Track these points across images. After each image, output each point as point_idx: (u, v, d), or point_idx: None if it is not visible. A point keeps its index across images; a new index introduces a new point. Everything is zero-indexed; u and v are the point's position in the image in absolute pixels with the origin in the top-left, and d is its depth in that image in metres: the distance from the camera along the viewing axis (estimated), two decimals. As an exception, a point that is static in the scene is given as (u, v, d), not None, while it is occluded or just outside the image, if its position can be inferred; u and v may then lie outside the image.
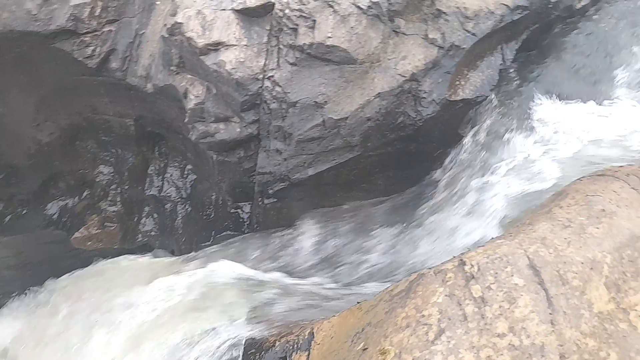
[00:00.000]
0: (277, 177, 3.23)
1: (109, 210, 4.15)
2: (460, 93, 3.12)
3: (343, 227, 3.31)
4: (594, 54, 3.37)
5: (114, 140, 4.03)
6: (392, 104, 3.05)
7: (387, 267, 3.05)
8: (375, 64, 3.03)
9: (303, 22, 2.94)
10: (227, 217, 3.78)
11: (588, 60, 3.30)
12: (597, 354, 1.52)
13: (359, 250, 3.19)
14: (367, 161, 3.27)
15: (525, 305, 1.62)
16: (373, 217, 3.30)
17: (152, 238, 4.16)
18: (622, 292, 1.64)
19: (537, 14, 3.22)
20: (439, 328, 1.63)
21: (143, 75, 3.52)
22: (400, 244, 3.12)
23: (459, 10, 3.01)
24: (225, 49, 2.97)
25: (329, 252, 3.21)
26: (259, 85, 3.02)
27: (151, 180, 4.13)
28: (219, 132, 3.17)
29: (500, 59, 3.23)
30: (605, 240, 1.77)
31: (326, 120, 3.04)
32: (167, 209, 4.11)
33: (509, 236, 1.95)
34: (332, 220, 3.35)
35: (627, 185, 2.05)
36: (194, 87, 3.18)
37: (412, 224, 3.16)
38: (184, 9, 3.06)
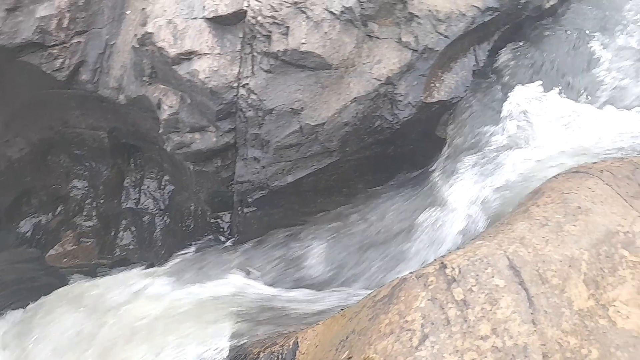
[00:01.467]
0: (256, 185, 3.19)
1: (84, 225, 4.06)
2: (435, 95, 3.13)
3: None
4: (563, 53, 3.43)
5: (87, 154, 3.95)
6: (368, 108, 3.05)
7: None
8: (351, 69, 3.03)
9: (276, 28, 2.92)
10: (207, 228, 3.73)
11: (557, 59, 3.36)
12: (578, 351, 1.53)
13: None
14: (346, 166, 3.26)
15: (507, 306, 1.62)
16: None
17: (130, 252, 4.08)
18: (601, 288, 1.66)
19: (508, 15, 3.27)
20: (423, 333, 1.62)
21: (115, 86, 3.46)
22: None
23: (431, 13, 3.03)
24: (198, 58, 2.93)
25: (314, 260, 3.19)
26: (233, 93, 2.99)
27: (127, 192, 4.06)
28: (194, 142, 3.12)
29: (474, 60, 3.26)
30: (582, 238, 1.79)
31: (303, 127, 3.02)
32: (145, 221, 4.04)
33: (488, 236, 1.96)
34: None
35: (601, 181, 2.08)
36: (167, 98, 3.13)
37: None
38: (154, 18, 3.01)
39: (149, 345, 2.85)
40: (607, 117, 3.00)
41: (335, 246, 3.24)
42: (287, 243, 3.33)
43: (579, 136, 2.89)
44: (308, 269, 3.19)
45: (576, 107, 3.12)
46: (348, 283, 3.07)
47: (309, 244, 3.26)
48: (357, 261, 3.14)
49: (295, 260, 3.24)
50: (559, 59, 3.36)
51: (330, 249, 3.23)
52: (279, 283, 3.13)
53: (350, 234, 3.24)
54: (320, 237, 3.28)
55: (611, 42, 3.45)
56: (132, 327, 3.11)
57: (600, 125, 2.92)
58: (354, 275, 3.10)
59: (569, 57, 3.38)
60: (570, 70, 3.31)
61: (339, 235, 3.26)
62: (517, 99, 3.19)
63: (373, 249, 3.14)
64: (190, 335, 2.89)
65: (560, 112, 3.04)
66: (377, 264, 3.05)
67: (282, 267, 3.26)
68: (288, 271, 3.21)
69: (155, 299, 3.27)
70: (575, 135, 2.92)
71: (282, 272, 3.23)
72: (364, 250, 3.15)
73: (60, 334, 3.19)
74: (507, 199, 2.71)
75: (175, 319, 3.04)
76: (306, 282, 3.11)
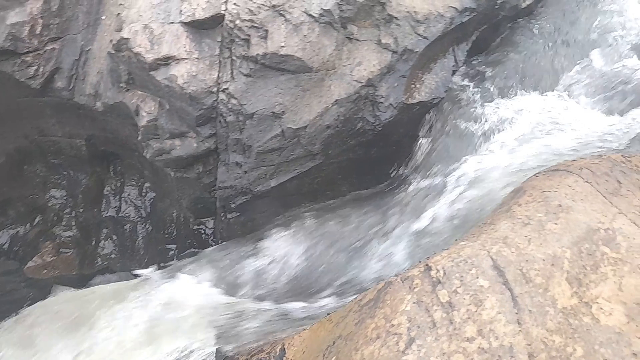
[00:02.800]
0: (238, 190, 3.16)
1: (63, 235, 3.98)
2: (416, 96, 3.14)
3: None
4: (539, 52, 3.47)
5: (64, 162, 3.86)
6: (350, 110, 3.05)
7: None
8: (331, 71, 3.02)
9: (255, 32, 2.89)
10: (190, 234, 3.69)
11: (532, 58, 3.40)
12: (563, 349, 1.53)
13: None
14: (330, 169, 3.25)
15: (492, 307, 1.63)
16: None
17: (112, 261, 4.01)
18: (584, 285, 1.67)
19: (485, 15, 3.29)
20: (409, 337, 1.61)
21: (91, 93, 3.39)
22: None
23: (410, 15, 3.03)
24: (176, 63, 2.89)
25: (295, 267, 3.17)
26: (213, 98, 2.95)
27: (108, 201, 3.99)
28: (175, 149, 3.07)
29: (453, 60, 3.28)
30: (564, 236, 1.81)
31: (285, 130, 3.00)
32: (127, 229, 3.97)
33: (471, 237, 1.96)
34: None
35: (580, 179, 2.10)
36: (145, 104, 3.07)
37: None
38: (129, 23, 2.96)
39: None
40: (582, 114, 3.04)
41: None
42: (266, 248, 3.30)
43: (556, 134, 2.93)
44: (286, 276, 3.17)
45: (552, 105, 3.16)
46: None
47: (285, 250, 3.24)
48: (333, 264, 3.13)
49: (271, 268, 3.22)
50: (534, 58, 3.40)
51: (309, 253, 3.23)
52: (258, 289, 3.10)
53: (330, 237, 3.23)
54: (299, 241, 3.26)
55: (586, 40, 3.51)
56: (114, 340, 3.06)
57: (577, 123, 2.96)
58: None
59: (544, 55, 3.42)
60: (545, 69, 3.35)
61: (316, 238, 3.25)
62: (493, 97, 3.23)
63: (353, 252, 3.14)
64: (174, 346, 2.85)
65: (537, 110, 3.07)
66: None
67: (258, 274, 3.23)
68: (265, 278, 3.18)
69: (138, 309, 3.22)
70: (552, 133, 2.95)
71: (260, 278, 3.21)
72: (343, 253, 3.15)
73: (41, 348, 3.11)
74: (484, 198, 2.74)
75: (157, 330, 2.99)
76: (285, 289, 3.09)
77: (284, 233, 3.25)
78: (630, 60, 3.27)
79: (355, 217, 3.23)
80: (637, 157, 2.29)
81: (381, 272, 2.87)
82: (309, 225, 3.25)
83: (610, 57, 3.37)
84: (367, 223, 3.15)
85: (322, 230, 3.20)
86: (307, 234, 3.22)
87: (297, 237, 3.22)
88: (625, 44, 3.40)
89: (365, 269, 2.97)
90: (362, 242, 3.09)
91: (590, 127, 2.92)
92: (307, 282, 3.06)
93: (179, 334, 2.95)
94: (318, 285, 3.02)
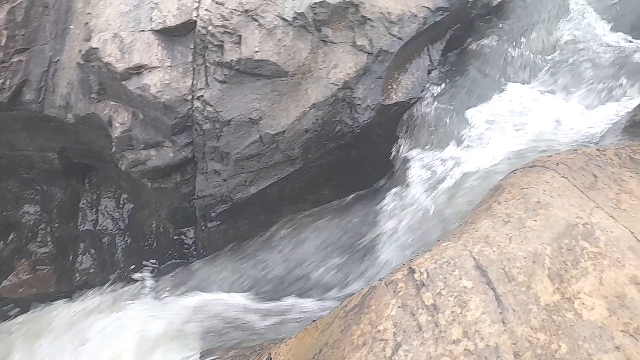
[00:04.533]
0: (218, 199, 3.11)
1: (39, 252, 3.87)
2: (393, 97, 3.14)
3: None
4: (510, 47, 3.52)
5: (37, 177, 3.77)
6: (328, 113, 3.03)
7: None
8: (307, 75, 3.00)
9: (228, 38, 2.85)
10: (171, 245, 3.62)
11: (503, 55, 3.44)
12: (548, 347, 1.54)
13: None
14: (310, 173, 3.23)
15: (476, 308, 1.62)
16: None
17: (91, 276, 3.91)
18: (565, 281, 1.69)
19: (458, 13, 3.31)
20: (395, 342, 1.60)
21: (62, 105, 3.30)
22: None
23: (383, 16, 3.03)
24: (148, 72, 2.83)
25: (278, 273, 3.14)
26: (188, 106, 2.90)
27: (84, 214, 3.91)
28: (150, 159, 3.01)
29: (428, 60, 3.29)
30: (543, 232, 1.82)
31: (263, 136, 2.96)
32: (105, 242, 3.89)
33: (453, 237, 1.96)
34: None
35: (557, 174, 2.13)
36: (118, 114, 3.01)
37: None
38: (98, 33, 2.88)
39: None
40: (554, 109, 3.09)
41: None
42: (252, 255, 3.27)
43: (530, 130, 2.96)
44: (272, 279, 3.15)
45: (526, 101, 3.20)
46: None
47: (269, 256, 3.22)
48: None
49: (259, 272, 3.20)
50: (505, 55, 3.45)
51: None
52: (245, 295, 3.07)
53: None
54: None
55: (557, 35, 3.57)
56: (98, 356, 2.99)
57: (549, 118, 3.01)
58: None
59: (514, 52, 3.47)
60: (517, 65, 3.40)
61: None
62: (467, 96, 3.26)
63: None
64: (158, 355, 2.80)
65: (510, 107, 3.10)
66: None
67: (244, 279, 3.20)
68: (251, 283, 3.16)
69: (120, 323, 3.15)
70: (526, 129, 2.98)
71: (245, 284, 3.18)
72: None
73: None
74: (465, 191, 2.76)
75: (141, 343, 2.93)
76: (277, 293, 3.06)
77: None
78: (599, 53, 3.34)
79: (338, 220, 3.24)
80: (611, 150, 2.32)
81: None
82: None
83: (578, 50, 3.44)
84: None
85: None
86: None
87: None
88: (594, 37, 3.47)
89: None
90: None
91: (560, 121, 2.97)
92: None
93: (162, 345, 2.90)
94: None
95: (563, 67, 3.39)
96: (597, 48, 3.36)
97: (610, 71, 3.19)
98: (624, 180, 2.09)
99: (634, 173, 2.16)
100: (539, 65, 3.45)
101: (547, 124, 3.01)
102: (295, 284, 3.13)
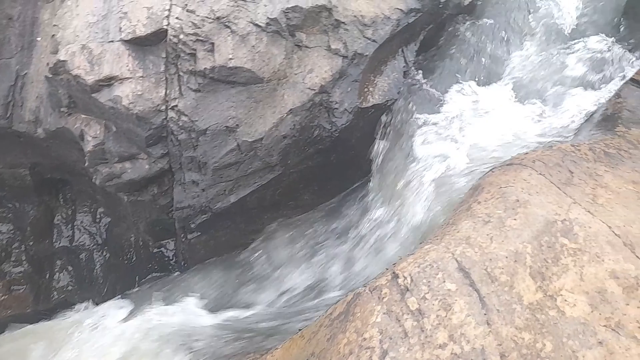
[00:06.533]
0: (197, 209, 3.06)
1: (14, 272, 3.75)
2: (370, 99, 3.14)
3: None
4: (481, 46, 3.56)
5: (8, 194, 3.65)
6: (305, 118, 3.01)
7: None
8: (283, 80, 2.97)
9: (201, 46, 2.81)
10: (151, 258, 3.55)
11: (477, 53, 3.48)
12: (533, 346, 1.54)
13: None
14: (290, 179, 3.20)
15: (461, 310, 1.62)
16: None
17: (69, 293, 3.81)
18: (547, 279, 1.70)
19: (430, 14, 3.33)
20: (382, 350, 1.58)
21: (32, 119, 3.21)
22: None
23: (357, 19, 3.02)
24: (119, 83, 2.76)
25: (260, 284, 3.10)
26: (162, 117, 2.84)
27: (59, 230, 3.81)
28: (126, 172, 2.94)
29: (403, 61, 3.30)
30: (523, 231, 1.83)
31: (241, 144, 2.92)
32: (83, 259, 3.80)
33: (435, 239, 1.96)
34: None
35: (534, 171, 2.14)
36: (90, 128, 2.93)
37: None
38: (66, 45, 2.80)
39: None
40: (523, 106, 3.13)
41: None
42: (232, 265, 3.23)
43: (500, 129, 3.00)
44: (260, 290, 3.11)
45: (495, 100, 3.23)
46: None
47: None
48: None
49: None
50: (476, 54, 3.49)
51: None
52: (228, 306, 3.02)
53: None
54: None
55: (527, 32, 3.62)
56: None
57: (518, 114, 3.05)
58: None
59: (485, 51, 3.51)
60: (488, 65, 3.44)
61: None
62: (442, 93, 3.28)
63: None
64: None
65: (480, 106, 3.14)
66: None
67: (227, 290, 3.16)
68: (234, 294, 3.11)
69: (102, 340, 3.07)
70: (496, 128, 3.02)
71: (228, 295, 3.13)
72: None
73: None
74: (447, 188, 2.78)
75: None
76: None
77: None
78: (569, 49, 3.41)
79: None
80: (585, 145, 2.36)
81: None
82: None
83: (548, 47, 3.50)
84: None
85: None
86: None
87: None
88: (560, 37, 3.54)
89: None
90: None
91: (524, 119, 3.01)
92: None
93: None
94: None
95: (533, 63, 3.44)
96: (566, 44, 3.42)
97: (580, 67, 3.25)
98: (599, 175, 2.13)
99: (609, 167, 2.19)
100: (509, 62, 3.50)
101: (516, 121, 3.06)
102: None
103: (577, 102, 3.02)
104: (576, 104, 3.01)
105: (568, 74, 3.21)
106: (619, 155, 2.24)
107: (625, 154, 2.25)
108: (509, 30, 3.62)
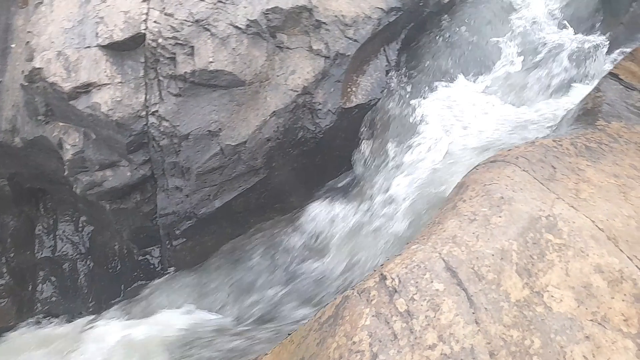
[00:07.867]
0: (182, 215, 3.02)
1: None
2: (353, 99, 3.13)
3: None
4: (460, 45, 3.58)
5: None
6: (289, 120, 2.99)
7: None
8: (265, 83, 2.94)
9: (180, 49, 2.77)
10: (136, 266, 3.49)
11: (454, 53, 3.50)
12: (522, 343, 1.55)
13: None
14: (275, 181, 3.17)
15: (449, 310, 1.62)
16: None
17: (53, 305, 3.73)
18: (533, 275, 1.70)
19: (411, 13, 3.34)
20: (372, 353, 1.57)
21: (8, 129, 3.13)
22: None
23: (338, 19, 3.01)
24: (97, 90, 2.71)
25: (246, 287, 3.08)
26: (143, 123, 2.79)
27: (41, 241, 3.73)
28: (107, 180, 2.89)
29: (385, 60, 3.30)
30: (509, 228, 1.83)
31: (224, 148, 2.89)
32: (66, 269, 3.73)
33: (422, 239, 1.95)
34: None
35: (518, 168, 2.15)
36: (68, 136, 2.87)
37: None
38: (41, 52, 2.74)
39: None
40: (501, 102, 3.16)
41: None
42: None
43: (481, 127, 3.01)
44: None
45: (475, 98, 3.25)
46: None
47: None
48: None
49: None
50: (455, 51, 3.51)
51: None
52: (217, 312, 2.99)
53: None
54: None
55: (504, 29, 3.66)
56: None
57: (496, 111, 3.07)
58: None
59: (463, 48, 3.53)
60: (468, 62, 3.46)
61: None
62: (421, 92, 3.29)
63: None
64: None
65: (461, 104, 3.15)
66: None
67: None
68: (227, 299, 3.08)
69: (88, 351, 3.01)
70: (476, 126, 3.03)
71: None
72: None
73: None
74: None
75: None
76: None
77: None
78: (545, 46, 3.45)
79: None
80: (567, 139, 2.38)
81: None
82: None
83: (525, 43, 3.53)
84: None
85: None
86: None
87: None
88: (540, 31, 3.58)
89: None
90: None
91: (505, 116, 3.04)
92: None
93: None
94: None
95: (511, 60, 3.47)
96: (543, 41, 3.45)
97: (559, 62, 3.28)
98: (581, 170, 2.14)
99: (590, 161, 2.21)
100: (487, 59, 3.53)
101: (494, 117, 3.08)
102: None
103: (555, 97, 3.05)
104: (554, 99, 3.05)
105: (545, 70, 3.25)
106: (600, 149, 2.26)
107: (607, 147, 2.28)
108: (487, 28, 3.65)
